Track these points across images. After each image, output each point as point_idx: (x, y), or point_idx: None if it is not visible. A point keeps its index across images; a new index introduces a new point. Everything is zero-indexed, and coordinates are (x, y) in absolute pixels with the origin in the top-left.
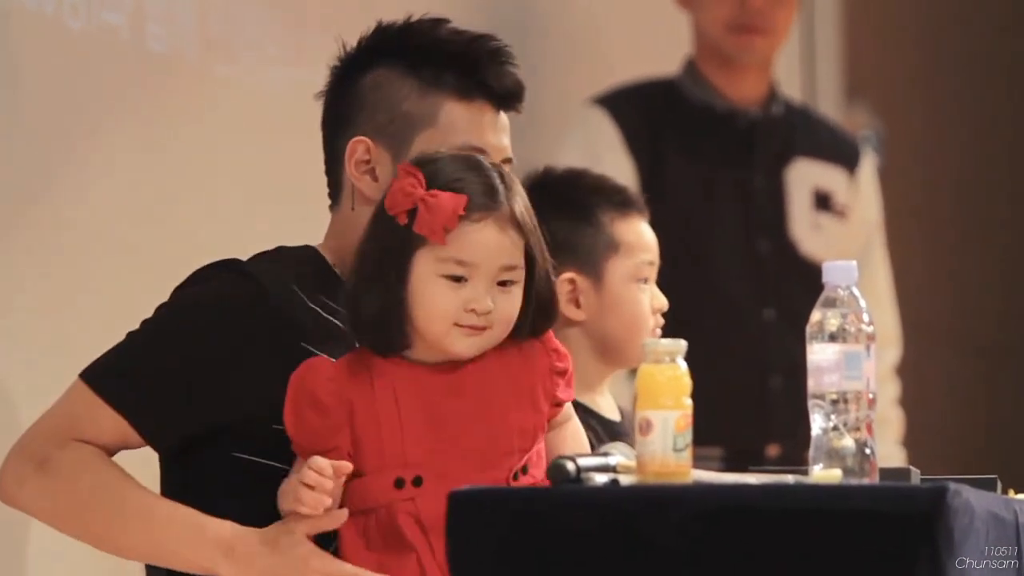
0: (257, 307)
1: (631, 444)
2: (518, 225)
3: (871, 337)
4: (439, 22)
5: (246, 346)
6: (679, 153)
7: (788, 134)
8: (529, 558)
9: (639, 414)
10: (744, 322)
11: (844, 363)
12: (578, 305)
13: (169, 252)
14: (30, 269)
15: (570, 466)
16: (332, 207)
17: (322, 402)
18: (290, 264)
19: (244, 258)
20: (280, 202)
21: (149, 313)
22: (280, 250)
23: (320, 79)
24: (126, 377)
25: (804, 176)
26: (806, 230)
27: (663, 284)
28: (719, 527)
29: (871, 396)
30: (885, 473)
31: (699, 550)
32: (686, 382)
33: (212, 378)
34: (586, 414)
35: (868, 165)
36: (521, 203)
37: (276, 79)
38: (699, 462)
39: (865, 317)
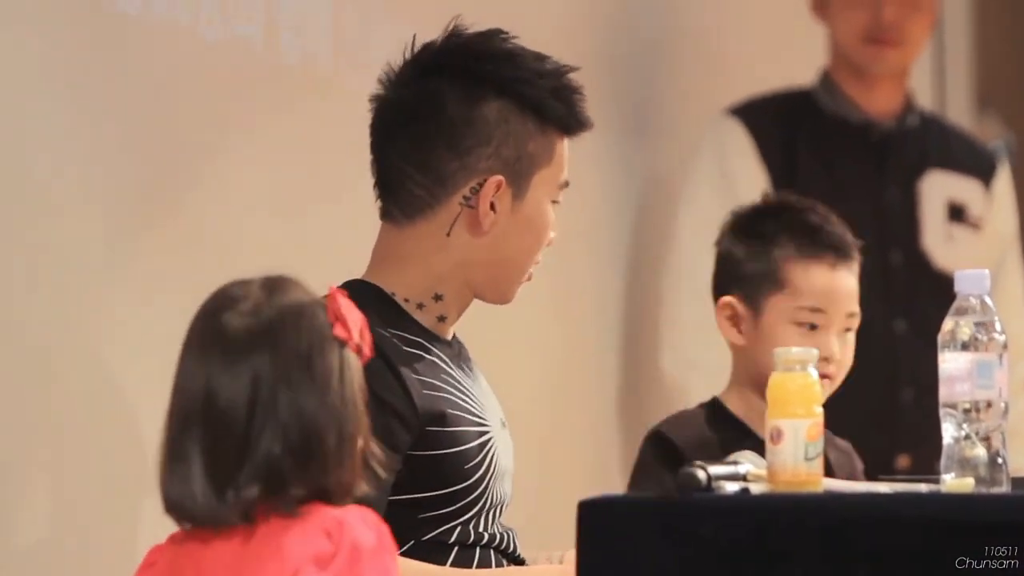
0: None
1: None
2: None
3: (1004, 346)
4: (514, 48)
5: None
6: (812, 164)
7: (922, 146)
8: (659, 567)
9: (770, 423)
10: (875, 334)
11: (976, 372)
12: (739, 330)
13: (303, 258)
14: (168, 272)
15: (700, 475)
16: (393, 219)
17: None
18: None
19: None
20: None
21: None
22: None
23: None
24: None
25: (938, 188)
26: (939, 242)
27: None
28: (850, 536)
29: (1003, 405)
30: (1018, 483)
31: (830, 559)
32: (817, 391)
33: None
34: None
35: (1004, 177)
36: None
37: None
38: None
39: (997, 326)
